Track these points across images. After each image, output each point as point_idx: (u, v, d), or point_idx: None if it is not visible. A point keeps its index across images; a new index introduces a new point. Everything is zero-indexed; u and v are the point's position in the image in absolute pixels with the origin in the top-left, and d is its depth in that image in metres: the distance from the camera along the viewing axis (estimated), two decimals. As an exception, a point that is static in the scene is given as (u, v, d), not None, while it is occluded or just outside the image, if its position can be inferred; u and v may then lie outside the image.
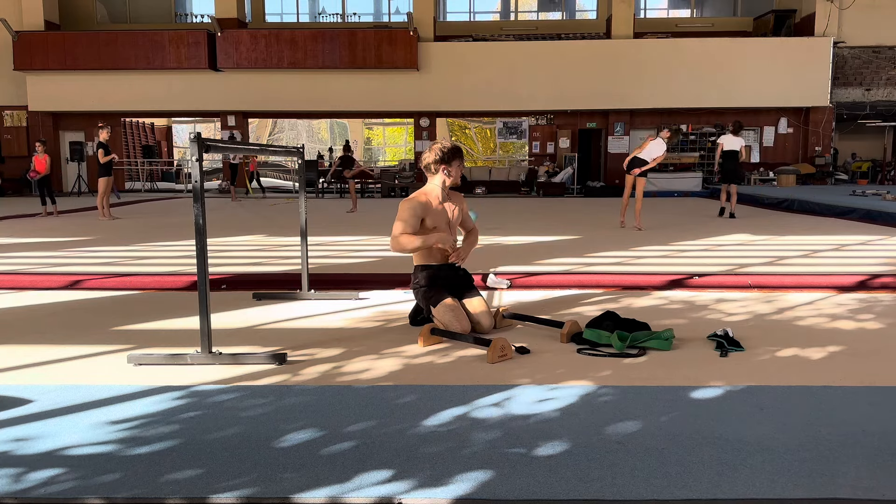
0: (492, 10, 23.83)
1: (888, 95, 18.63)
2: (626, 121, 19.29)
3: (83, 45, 18.51)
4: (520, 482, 1.95)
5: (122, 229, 9.39)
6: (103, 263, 6.21)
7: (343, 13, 22.69)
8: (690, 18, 22.04)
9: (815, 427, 2.35)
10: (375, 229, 9.15)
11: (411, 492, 1.89)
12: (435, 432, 2.31)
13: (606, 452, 2.14)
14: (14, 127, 19.75)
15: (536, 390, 2.74)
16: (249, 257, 6.64)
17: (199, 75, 18.86)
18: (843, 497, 1.87)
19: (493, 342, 3.16)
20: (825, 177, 18.96)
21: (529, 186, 19.30)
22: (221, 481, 1.96)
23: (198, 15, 22.49)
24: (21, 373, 3.02)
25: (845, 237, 7.91)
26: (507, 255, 6.48)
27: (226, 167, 18.55)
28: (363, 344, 3.48)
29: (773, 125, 19.46)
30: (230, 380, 2.89)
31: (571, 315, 4.09)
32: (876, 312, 4.16)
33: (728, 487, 1.91)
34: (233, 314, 4.21)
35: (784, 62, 18.11)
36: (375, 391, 2.75)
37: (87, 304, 4.56)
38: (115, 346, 3.44)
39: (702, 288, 4.90)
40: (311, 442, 2.24)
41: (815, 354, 3.25)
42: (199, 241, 3.09)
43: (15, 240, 8.12)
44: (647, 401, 2.61)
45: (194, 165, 3.04)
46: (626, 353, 3.23)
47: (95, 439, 2.25)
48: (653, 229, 8.95)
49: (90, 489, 1.92)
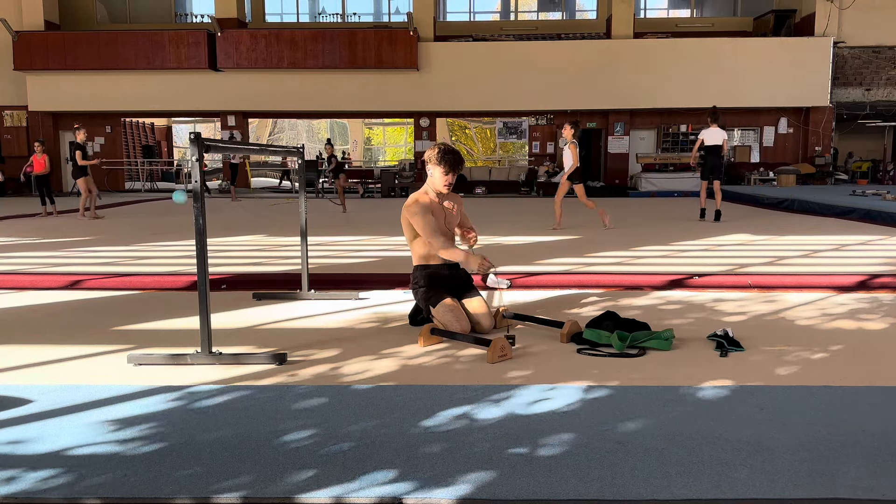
0: (492, 10, 23.84)
1: (888, 95, 18.63)
2: (626, 121, 19.30)
3: (83, 45, 18.52)
4: (520, 482, 1.94)
5: (123, 229, 9.39)
6: (103, 263, 6.21)
7: (343, 13, 22.69)
8: (690, 18, 22.04)
9: (815, 427, 2.34)
10: (375, 229, 9.15)
11: (411, 492, 1.89)
12: (435, 432, 2.31)
13: (606, 452, 2.14)
14: (14, 127, 19.76)
15: (536, 390, 2.74)
16: (249, 257, 6.64)
17: (199, 75, 18.86)
18: (843, 497, 1.87)
19: (493, 342, 3.16)
20: (825, 177, 18.97)
21: (529, 186, 19.30)
22: (221, 481, 1.96)
23: (198, 15, 22.50)
24: (21, 373, 3.02)
25: (845, 237, 7.91)
26: (507, 255, 6.48)
27: (226, 167, 18.54)
28: (363, 344, 3.48)
29: (773, 125, 19.47)
30: (230, 380, 2.89)
31: (571, 315, 4.09)
32: (876, 312, 4.16)
33: (728, 487, 1.91)
34: (233, 314, 4.21)
35: (784, 62, 18.11)
36: (375, 391, 2.75)
37: (87, 304, 4.55)
38: (115, 346, 3.44)
39: (702, 288, 4.90)
40: (311, 442, 2.23)
41: (815, 354, 3.25)
42: (199, 242, 3.09)
43: (15, 240, 8.12)
44: (647, 401, 2.61)
45: (194, 165, 3.04)
46: (626, 353, 3.23)
47: (95, 439, 2.25)
48: (653, 229, 8.94)
49: (90, 489, 1.91)
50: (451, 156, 3.75)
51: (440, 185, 3.79)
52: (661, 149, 19.41)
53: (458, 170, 3.80)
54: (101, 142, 20.05)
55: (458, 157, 3.80)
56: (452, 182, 3.80)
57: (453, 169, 3.76)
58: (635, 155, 19.10)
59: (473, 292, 3.84)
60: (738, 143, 20.30)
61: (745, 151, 19.96)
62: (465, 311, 3.70)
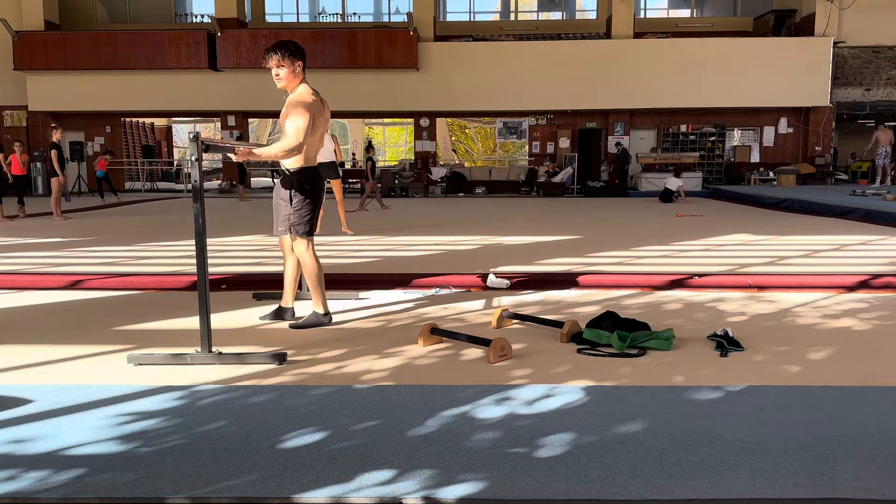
0: (492, 10, 23.83)
1: (888, 95, 18.63)
2: (626, 121, 19.29)
3: (83, 45, 18.51)
4: (520, 482, 1.95)
5: (122, 229, 9.38)
6: (103, 263, 6.21)
7: (343, 13, 22.68)
8: (690, 18, 22.03)
9: (815, 427, 2.35)
10: (375, 229, 9.15)
11: (411, 492, 1.89)
12: (435, 432, 2.31)
13: (606, 452, 2.14)
14: (14, 127, 19.75)
15: (536, 390, 2.74)
16: (249, 257, 6.65)
17: (199, 75, 18.85)
18: (843, 497, 1.87)
19: (493, 342, 3.16)
20: (825, 177, 18.96)
21: (529, 186, 19.30)
22: (222, 481, 1.96)
23: (198, 15, 22.49)
24: (21, 373, 3.02)
25: (845, 237, 7.91)
26: (507, 255, 6.48)
27: (233, 167, 18.51)
28: (363, 344, 3.48)
29: (773, 125, 19.46)
30: (230, 380, 2.89)
31: (571, 315, 4.09)
32: (876, 312, 4.16)
33: (728, 487, 1.91)
34: (233, 314, 4.21)
35: (784, 62, 18.10)
36: (375, 391, 2.75)
37: (87, 304, 4.56)
38: (115, 346, 3.44)
39: (702, 288, 4.90)
40: (312, 442, 2.24)
41: (815, 354, 3.25)
42: (198, 242, 3.09)
43: (15, 240, 8.12)
44: (647, 401, 2.61)
45: (194, 165, 3.04)
46: (626, 353, 3.23)
47: (95, 439, 2.25)
48: (653, 230, 8.94)
49: (90, 489, 1.92)
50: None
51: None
52: (662, 149, 19.40)
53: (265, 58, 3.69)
54: (100, 141, 20.05)
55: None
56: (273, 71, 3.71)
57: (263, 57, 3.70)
58: (635, 155, 19.09)
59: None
60: (738, 142, 20.31)
61: (745, 151, 19.96)
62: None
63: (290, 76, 3.73)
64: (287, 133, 3.58)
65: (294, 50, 3.71)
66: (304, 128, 3.55)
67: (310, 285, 3.82)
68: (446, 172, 19.51)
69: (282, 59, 3.66)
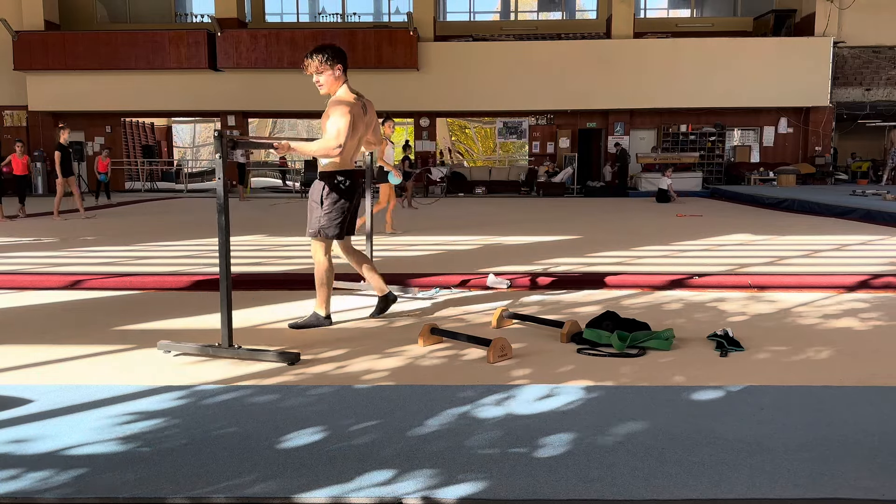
0: (492, 10, 23.83)
1: (888, 95, 18.63)
2: (626, 121, 19.29)
3: (83, 45, 18.50)
4: (520, 482, 1.95)
5: (123, 229, 9.38)
6: (103, 263, 6.21)
7: (343, 13, 22.67)
8: (690, 18, 22.03)
9: (815, 427, 2.35)
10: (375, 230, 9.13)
11: (411, 492, 1.89)
12: (435, 432, 2.31)
13: (606, 452, 2.14)
14: (14, 127, 19.74)
15: (536, 390, 2.74)
16: (249, 257, 6.65)
17: (199, 75, 18.85)
18: (843, 497, 1.87)
19: (493, 342, 3.16)
20: (825, 177, 18.96)
21: (529, 186, 19.30)
22: (222, 481, 1.96)
23: (198, 15, 22.48)
24: (21, 373, 3.02)
25: (845, 237, 7.91)
26: (507, 255, 6.48)
27: (232, 166, 18.52)
28: (364, 344, 3.48)
29: (773, 125, 19.46)
30: (231, 380, 2.89)
31: (571, 315, 4.09)
32: (876, 312, 4.16)
33: (728, 487, 1.91)
34: (233, 314, 4.19)
35: (784, 62, 18.10)
36: (376, 391, 2.75)
37: (87, 304, 4.55)
38: (115, 346, 3.44)
39: (702, 288, 4.90)
40: (312, 442, 2.24)
41: (815, 354, 3.25)
42: (221, 238, 3.15)
43: (15, 240, 8.12)
44: (647, 401, 2.61)
45: (218, 163, 3.04)
46: (626, 353, 3.23)
47: (95, 439, 2.25)
48: (653, 230, 8.94)
49: (90, 489, 1.92)
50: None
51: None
52: (662, 149, 19.40)
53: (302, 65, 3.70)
54: (101, 141, 20.04)
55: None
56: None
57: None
58: (635, 155, 19.09)
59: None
60: (738, 142, 20.30)
61: (745, 151, 19.96)
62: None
63: (332, 80, 3.67)
64: (328, 134, 3.55)
65: (332, 54, 3.64)
66: (344, 129, 3.50)
67: (316, 284, 3.82)
68: (446, 172, 19.51)
69: (321, 64, 3.60)
